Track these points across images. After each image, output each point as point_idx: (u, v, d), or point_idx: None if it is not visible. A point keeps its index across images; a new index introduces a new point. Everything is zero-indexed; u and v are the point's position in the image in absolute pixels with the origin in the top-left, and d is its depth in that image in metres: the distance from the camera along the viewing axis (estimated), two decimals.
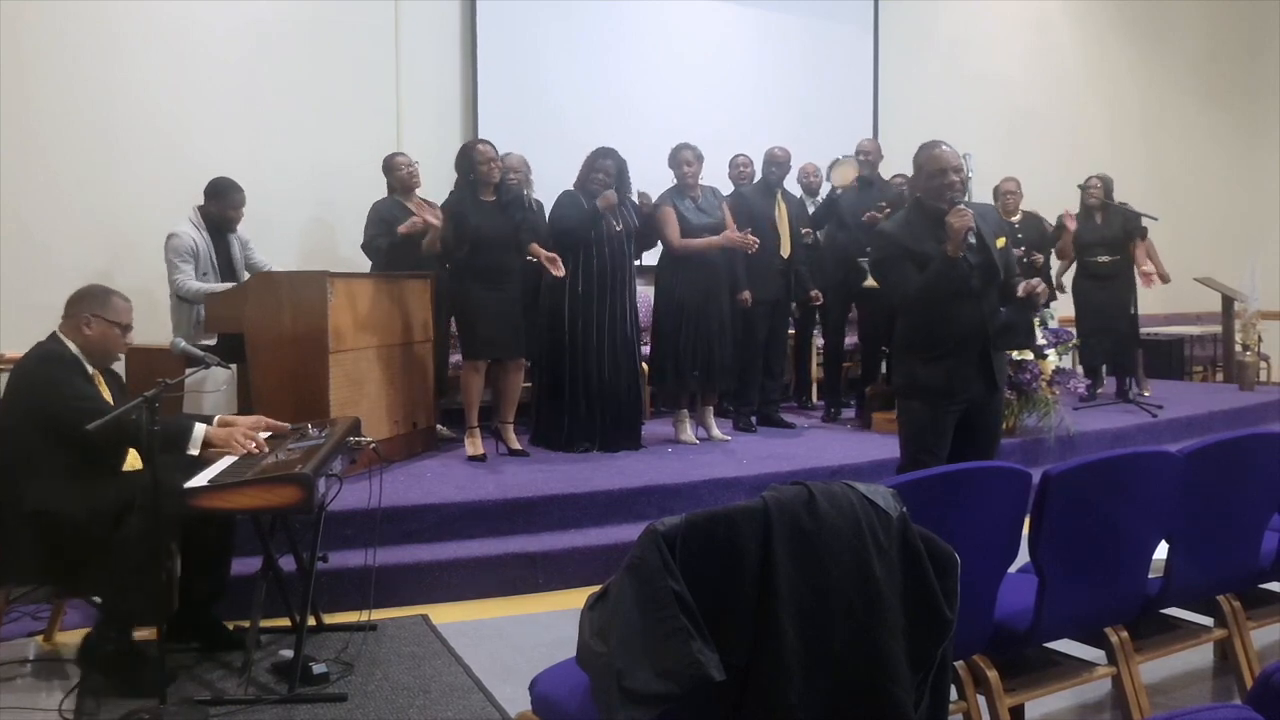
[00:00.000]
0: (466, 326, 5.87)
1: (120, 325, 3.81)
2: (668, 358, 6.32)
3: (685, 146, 6.36)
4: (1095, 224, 8.00)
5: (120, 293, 3.88)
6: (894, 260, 4.04)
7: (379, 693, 3.55)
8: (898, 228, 4.10)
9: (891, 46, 9.69)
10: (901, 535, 2.24)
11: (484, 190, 5.84)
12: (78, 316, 3.76)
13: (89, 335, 3.75)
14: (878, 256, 4.20)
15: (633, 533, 2.44)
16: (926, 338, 4.04)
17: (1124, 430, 7.22)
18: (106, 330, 3.78)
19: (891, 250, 4.05)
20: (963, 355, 4.01)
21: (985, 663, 2.93)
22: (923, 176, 4.04)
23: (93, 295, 3.81)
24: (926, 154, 4.05)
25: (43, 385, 3.62)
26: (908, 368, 4.14)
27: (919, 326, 4.07)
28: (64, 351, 3.72)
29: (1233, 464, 3.29)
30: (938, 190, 3.98)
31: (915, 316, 4.08)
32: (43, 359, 3.69)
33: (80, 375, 3.69)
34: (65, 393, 3.58)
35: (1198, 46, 12.02)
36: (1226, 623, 3.46)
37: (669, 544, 2.07)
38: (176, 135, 6.62)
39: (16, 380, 3.72)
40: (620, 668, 2.06)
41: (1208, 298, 9.58)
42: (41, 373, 3.65)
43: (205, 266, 5.73)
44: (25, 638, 4.06)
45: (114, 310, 3.81)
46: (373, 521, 4.33)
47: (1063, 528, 2.90)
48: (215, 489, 3.32)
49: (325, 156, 7.09)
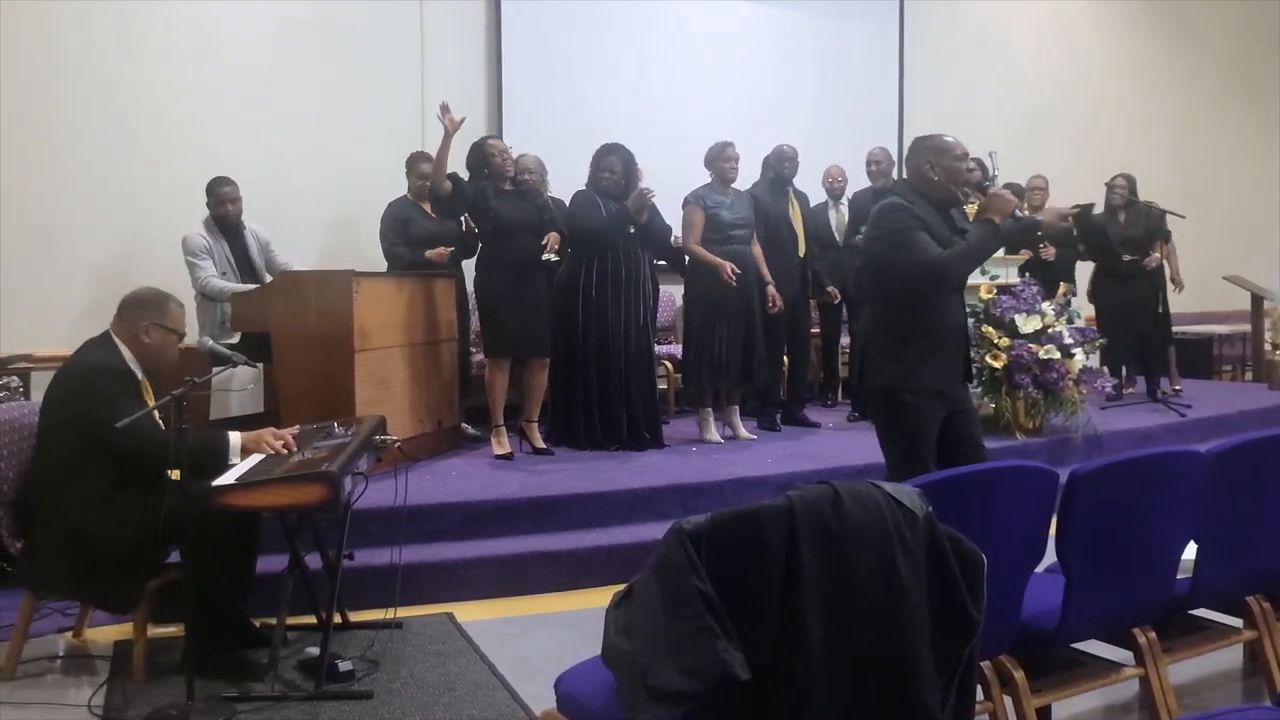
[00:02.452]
0: (492, 323, 5.88)
1: (178, 333, 3.80)
2: (701, 356, 6.29)
3: (730, 144, 6.34)
4: (1119, 223, 7.94)
5: (175, 297, 3.86)
6: (913, 230, 3.77)
7: (404, 690, 3.56)
8: (908, 203, 3.85)
9: (917, 45, 9.64)
10: (928, 535, 2.23)
11: (501, 183, 5.88)
12: (136, 324, 3.72)
13: (147, 344, 3.73)
14: (894, 225, 3.80)
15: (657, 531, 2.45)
16: (918, 332, 3.84)
17: (1151, 430, 7.17)
18: (165, 338, 3.76)
19: (910, 220, 3.78)
20: (953, 350, 3.91)
21: (1011, 663, 2.91)
22: (947, 159, 3.85)
23: (151, 302, 3.77)
24: (941, 140, 3.90)
25: (93, 399, 3.56)
26: (901, 365, 3.84)
27: (906, 320, 3.85)
28: (117, 363, 3.67)
29: (1262, 464, 3.26)
30: (961, 174, 3.87)
31: (901, 309, 3.85)
32: (95, 371, 3.62)
33: (128, 393, 3.62)
34: (110, 413, 3.40)
35: (1223, 44, 11.91)
36: (1256, 624, 3.42)
37: (694, 543, 2.07)
38: (198, 136, 6.65)
39: (62, 385, 3.67)
40: (645, 666, 2.06)
41: (1237, 296, 9.50)
42: (87, 384, 3.60)
43: (222, 266, 5.77)
44: (55, 634, 4.10)
45: (173, 318, 3.78)
46: (398, 520, 4.35)
47: (1090, 528, 2.88)
48: (242, 487, 3.33)
49: (349, 156, 7.11)
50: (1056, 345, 6.44)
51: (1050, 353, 6.41)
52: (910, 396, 3.84)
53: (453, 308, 6.15)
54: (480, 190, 5.85)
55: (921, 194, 3.88)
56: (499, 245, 5.83)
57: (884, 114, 9.34)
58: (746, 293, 6.28)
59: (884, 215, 3.85)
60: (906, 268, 3.77)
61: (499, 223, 5.78)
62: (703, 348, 6.28)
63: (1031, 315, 6.48)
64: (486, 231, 5.94)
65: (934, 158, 3.88)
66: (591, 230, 6.01)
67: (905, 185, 3.98)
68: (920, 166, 3.91)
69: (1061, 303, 6.71)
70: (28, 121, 6.21)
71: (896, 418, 3.91)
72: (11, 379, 5.20)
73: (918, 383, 3.84)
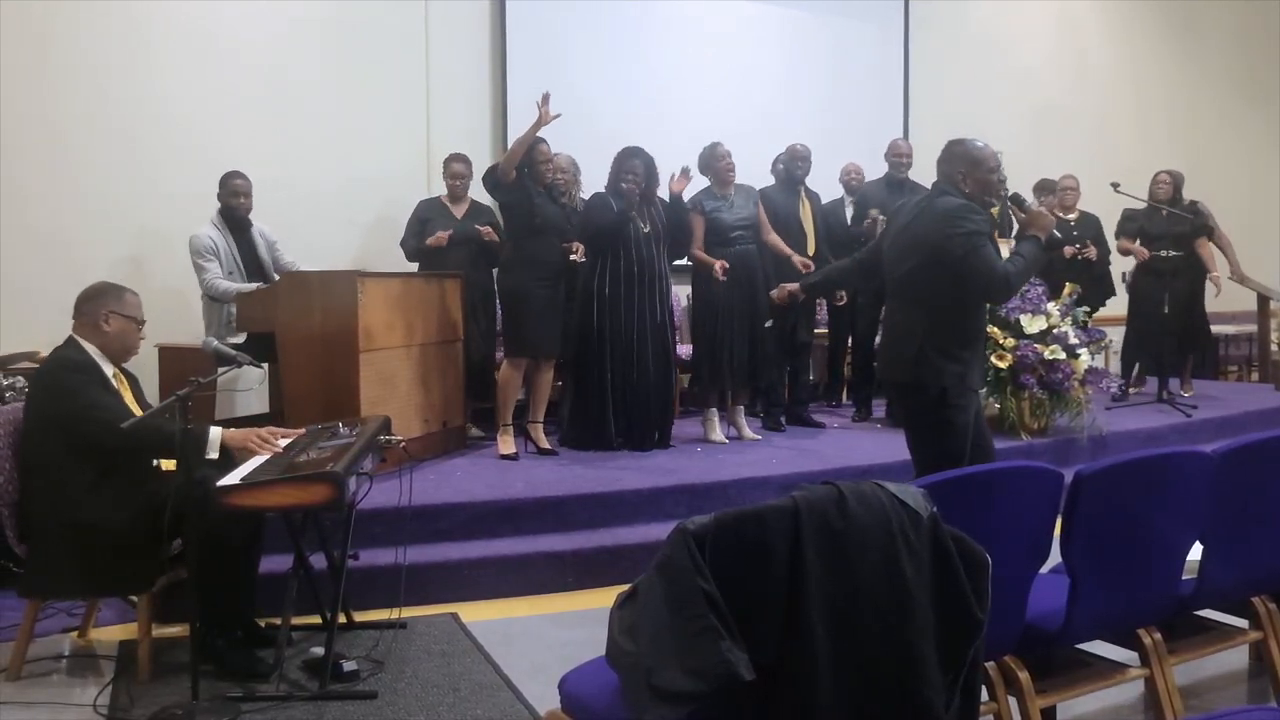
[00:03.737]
0: (516, 324, 5.89)
1: (137, 321, 3.85)
2: (705, 356, 6.32)
3: (719, 144, 6.37)
4: (1161, 218, 7.87)
5: (130, 289, 3.91)
6: (984, 238, 3.72)
7: (409, 690, 3.57)
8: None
9: (922, 45, 9.65)
10: (932, 535, 2.23)
11: (538, 185, 5.91)
12: (95, 315, 3.78)
13: (108, 333, 3.78)
14: (973, 229, 3.72)
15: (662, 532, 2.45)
16: (973, 334, 3.90)
17: (1157, 430, 7.16)
18: (125, 326, 3.81)
19: (984, 226, 3.74)
20: (981, 355, 4.00)
21: (1016, 663, 2.91)
22: (981, 171, 3.84)
23: (106, 292, 3.83)
24: (977, 149, 3.88)
25: (59, 394, 3.63)
26: (959, 367, 3.83)
27: (958, 326, 3.85)
28: (81, 358, 3.72)
29: (1267, 464, 3.25)
30: (993, 185, 3.90)
31: (956, 316, 3.84)
32: (59, 366, 3.70)
33: (97, 383, 3.69)
34: (82, 402, 3.58)
35: (1228, 44, 11.89)
36: (1261, 624, 3.41)
37: (698, 543, 2.07)
38: (204, 138, 6.66)
39: (35, 389, 3.76)
40: (649, 666, 2.06)
41: (1243, 296, 9.47)
42: (58, 381, 3.66)
43: (229, 265, 5.77)
44: (60, 634, 4.11)
45: (129, 305, 3.84)
46: (403, 520, 4.36)
47: (1095, 528, 2.88)
48: (247, 487, 3.33)
49: (354, 159, 7.13)
50: (1062, 345, 6.43)
51: (1055, 353, 6.40)
52: (962, 398, 3.87)
53: (459, 308, 6.16)
54: (525, 188, 5.87)
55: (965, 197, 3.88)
56: (531, 246, 5.84)
57: (889, 114, 9.34)
58: (751, 293, 6.28)
59: (960, 218, 3.76)
60: (981, 275, 3.74)
61: (540, 222, 5.80)
62: (708, 349, 6.29)
63: (1037, 315, 6.47)
64: (519, 231, 5.91)
65: (967, 169, 3.87)
66: (600, 228, 6.02)
67: (946, 187, 3.91)
68: (953, 174, 3.89)
69: (1067, 303, 6.70)
70: (31, 123, 6.21)
71: (950, 417, 3.86)
72: (16, 379, 5.21)
73: (973, 383, 3.92)
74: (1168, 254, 7.77)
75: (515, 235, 5.94)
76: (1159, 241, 7.84)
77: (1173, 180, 7.88)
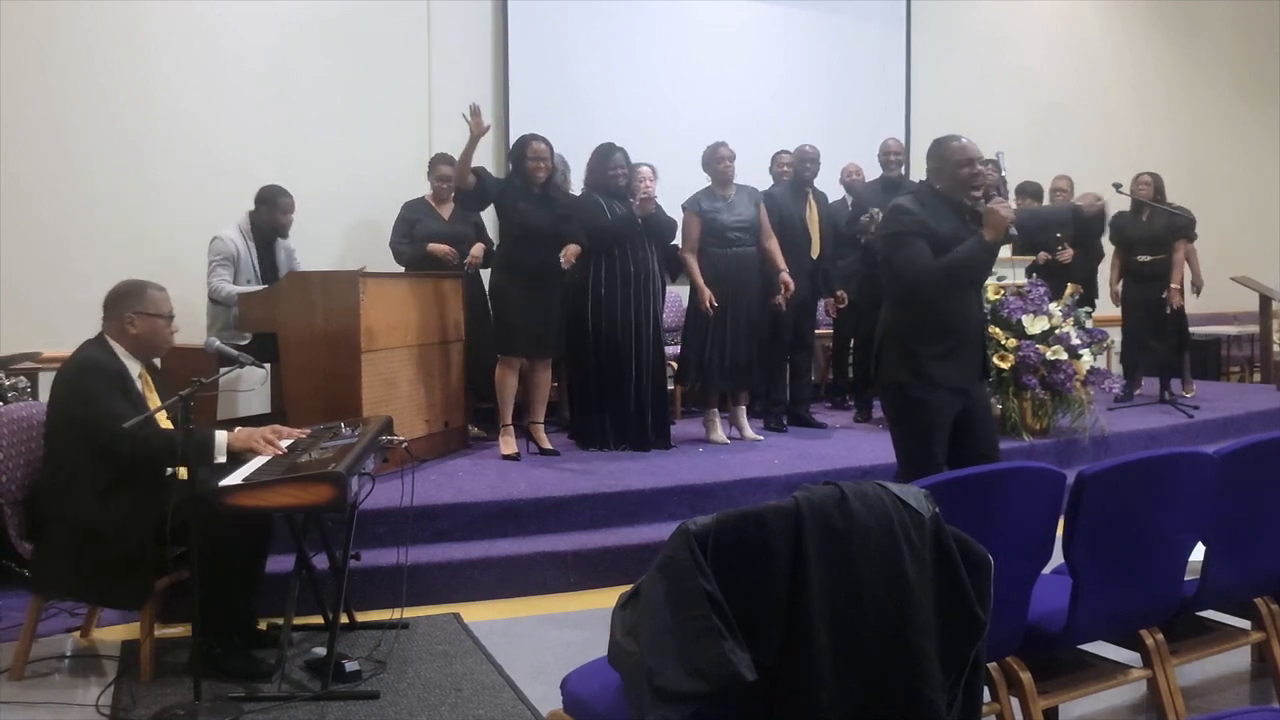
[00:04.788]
0: (504, 322, 5.89)
1: (163, 316, 3.84)
2: (692, 358, 6.34)
3: (723, 144, 6.35)
4: (1140, 221, 7.90)
5: (154, 283, 3.90)
6: (911, 235, 3.80)
7: (411, 691, 3.57)
8: (917, 206, 3.88)
9: (923, 45, 9.64)
10: (934, 536, 2.22)
11: (531, 186, 5.87)
12: (120, 317, 3.78)
13: (135, 334, 3.78)
14: (895, 229, 3.86)
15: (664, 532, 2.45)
16: (936, 329, 3.85)
17: (1159, 431, 7.15)
18: (151, 323, 3.81)
19: (912, 225, 3.80)
20: (970, 348, 3.94)
21: (1018, 664, 2.91)
22: (950, 166, 3.87)
23: (129, 292, 3.82)
24: (948, 146, 3.90)
25: (81, 397, 3.62)
26: (914, 363, 3.85)
27: (923, 317, 3.86)
28: (108, 361, 3.71)
29: (1270, 465, 3.25)
30: (965, 181, 3.86)
31: (917, 306, 3.86)
32: (84, 368, 3.68)
33: (121, 388, 3.67)
34: (103, 409, 3.56)
35: (1229, 43, 11.88)
36: (1264, 625, 3.41)
37: (700, 543, 2.07)
38: (207, 140, 6.66)
39: (58, 388, 3.73)
40: (651, 666, 2.06)
41: (1245, 297, 9.47)
42: (81, 383, 3.65)
43: (247, 273, 5.78)
44: (62, 634, 4.11)
45: (153, 303, 3.83)
46: (404, 520, 4.35)
47: (1097, 529, 2.88)
48: (249, 487, 3.34)
49: (356, 159, 7.12)
50: (1064, 346, 6.43)
51: (1058, 353, 6.40)
52: (922, 392, 3.85)
53: (460, 308, 6.15)
54: (507, 187, 5.86)
55: (937, 194, 3.91)
56: (517, 249, 5.84)
57: (891, 113, 9.33)
58: (748, 295, 6.29)
59: (889, 217, 3.96)
60: (905, 273, 3.83)
61: (520, 227, 5.79)
62: (703, 350, 6.28)
63: (1039, 316, 6.47)
64: (504, 233, 5.95)
65: (938, 164, 3.93)
66: (601, 233, 6.02)
67: (925, 184, 4.00)
68: (929, 171, 3.96)
69: (1069, 304, 6.70)
70: (34, 124, 6.22)
71: (908, 413, 3.92)
72: (19, 379, 5.21)
73: (930, 378, 3.85)
74: (1146, 258, 7.83)
75: (502, 237, 6.03)
76: (1137, 246, 7.88)
77: (1153, 182, 7.92)
